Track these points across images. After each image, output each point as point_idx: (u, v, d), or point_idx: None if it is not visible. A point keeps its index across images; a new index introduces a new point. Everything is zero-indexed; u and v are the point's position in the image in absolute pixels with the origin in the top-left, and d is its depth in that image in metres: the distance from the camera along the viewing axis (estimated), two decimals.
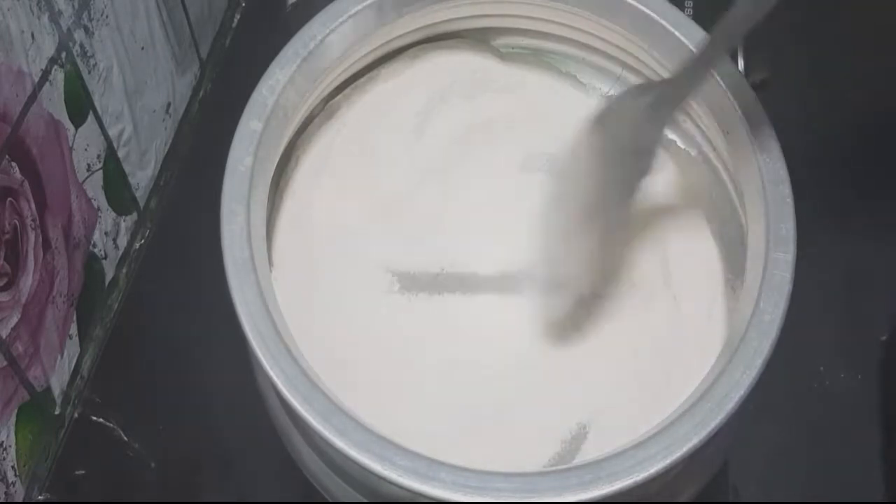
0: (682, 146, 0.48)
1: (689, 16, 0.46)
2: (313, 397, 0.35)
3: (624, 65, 0.49)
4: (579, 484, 0.34)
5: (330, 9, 0.44)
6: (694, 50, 0.43)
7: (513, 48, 0.51)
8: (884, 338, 0.50)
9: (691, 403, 0.36)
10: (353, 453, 0.34)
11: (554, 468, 0.37)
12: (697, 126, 0.47)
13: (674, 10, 0.45)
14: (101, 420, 0.49)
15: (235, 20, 0.65)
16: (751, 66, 0.56)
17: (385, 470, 0.34)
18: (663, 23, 0.44)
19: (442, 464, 0.34)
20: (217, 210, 0.40)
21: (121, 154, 0.52)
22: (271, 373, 0.36)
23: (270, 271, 0.41)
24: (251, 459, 0.48)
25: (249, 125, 0.42)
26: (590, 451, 0.40)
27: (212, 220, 0.41)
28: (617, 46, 0.48)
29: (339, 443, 0.34)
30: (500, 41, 0.51)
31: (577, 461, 0.39)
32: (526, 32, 0.51)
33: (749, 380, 0.36)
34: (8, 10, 0.40)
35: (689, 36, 0.44)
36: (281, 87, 0.43)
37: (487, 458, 0.36)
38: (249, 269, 0.38)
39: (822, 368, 0.49)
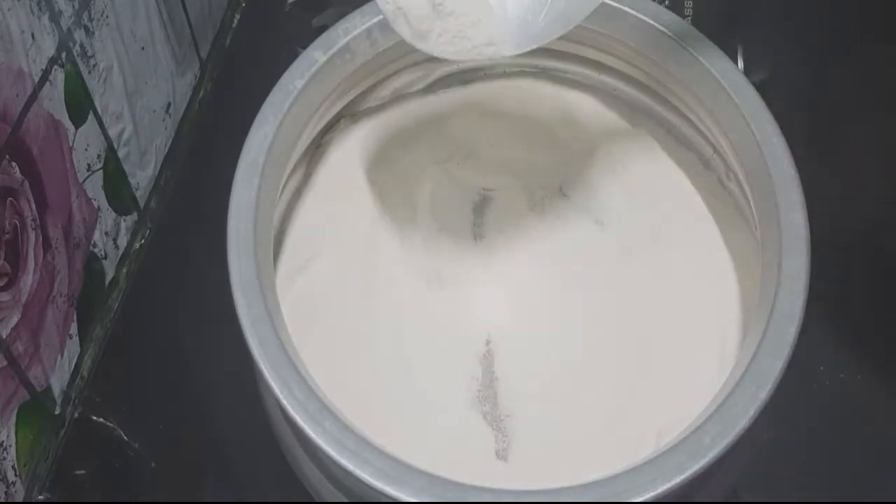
0: (687, 151, 0.49)
1: (688, 17, 0.46)
2: (318, 413, 0.35)
3: (628, 78, 0.49)
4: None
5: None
6: (696, 56, 0.43)
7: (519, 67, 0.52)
8: (882, 337, 0.50)
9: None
10: (368, 478, 0.34)
11: (568, 486, 0.35)
12: (700, 131, 0.47)
13: (682, 23, 0.45)
14: (101, 420, 0.49)
15: (235, 20, 0.65)
16: (751, 66, 0.56)
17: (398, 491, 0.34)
18: (667, 31, 0.44)
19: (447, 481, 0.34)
20: (217, 210, 0.40)
21: (121, 154, 0.52)
22: (278, 392, 0.36)
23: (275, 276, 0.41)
24: (251, 459, 0.48)
25: (264, 128, 0.42)
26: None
27: (212, 220, 0.41)
28: (626, 62, 0.48)
29: (352, 468, 0.34)
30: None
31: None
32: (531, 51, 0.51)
33: (759, 400, 0.35)
34: (8, 10, 0.40)
35: (695, 46, 0.44)
36: (298, 91, 0.43)
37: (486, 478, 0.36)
38: (252, 269, 0.38)
39: (822, 368, 0.49)
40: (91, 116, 0.48)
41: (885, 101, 0.58)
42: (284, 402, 0.35)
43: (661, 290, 0.45)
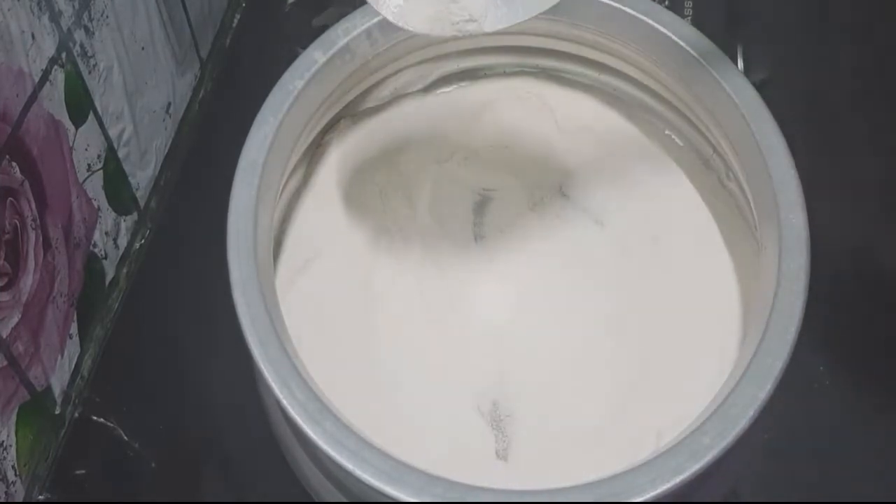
0: (687, 151, 0.49)
1: (688, 17, 0.46)
2: (318, 413, 0.35)
3: (625, 76, 0.49)
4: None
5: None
6: (696, 56, 0.43)
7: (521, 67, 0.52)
8: (883, 336, 0.50)
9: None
10: (367, 478, 0.34)
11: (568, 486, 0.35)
12: (700, 131, 0.47)
13: (682, 23, 0.45)
14: (101, 420, 0.49)
15: (235, 20, 0.65)
16: (751, 66, 0.56)
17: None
18: (667, 31, 0.44)
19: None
20: (218, 210, 0.40)
21: (121, 154, 0.52)
22: (278, 392, 0.36)
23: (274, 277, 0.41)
24: (251, 459, 0.48)
25: (264, 128, 0.42)
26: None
27: (212, 220, 0.41)
28: (626, 62, 0.48)
29: (352, 468, 0.34)
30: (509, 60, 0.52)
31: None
32: (530, 50, 0.51)
33: (759, 400, 0.35)
34: (8, 10, 0.40)
35: (695, 46, 0.44)
36: (298, 91, 0.43)
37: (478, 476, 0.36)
38: (252, 269, 0.38)
39: (821, 368, 0.49)
40: (91, 116, 0.48)
41: (885, 101, 0.58)
42: (284, 402, 0.35)
43: (661, 290, 0.45)
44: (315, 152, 0.49)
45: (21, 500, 0.45)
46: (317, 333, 0.43)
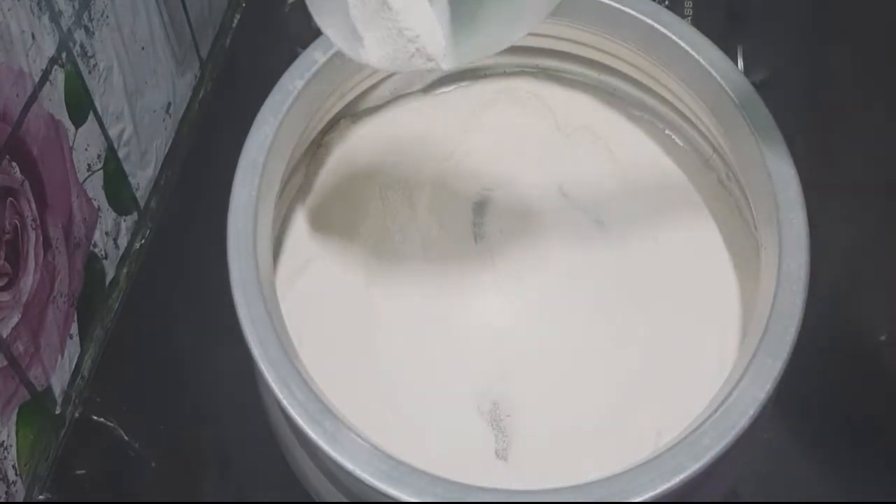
0: (687, 151, 0.49)
1: (688, 17, 0.46)
2: (318, 413, 0.35)
3: (632, 80, 0.49)
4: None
5: None
6: (696, 56, 0.43)
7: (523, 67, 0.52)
8: (883, 338, 0.50)
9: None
10: (368, 478, 0.34)
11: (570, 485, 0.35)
12: (700, 131, 0.47)
13: (682, 23, 0.45)
14: (101, 420, 0.49)
15: (235, 20, 0.65)
16: (751, 66, 0.56)
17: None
18: (667, 31, 0.44)
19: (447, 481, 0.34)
20: (218, 210, 0.40)
21: (121, 154, 0.52)
22: (278, 392, 0.36)
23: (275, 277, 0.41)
24: (251, 459, 0.48)
25: (264, 128, 0.42)
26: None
27: (212, 220, 0.41)
28: (626, 62, 0.48)
29: (352, 468, 0.34)
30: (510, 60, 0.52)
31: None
32: (530, 51, 0.51)
33: (759, 400, 0.35)
34: (8, 10, 0.40)
35: (695, 46, 0.44)
36: (298, 91, 0.43)
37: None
38: (252, 269, 0.38)
39: (821, 367, 0.49)
40: (91, 116, 0.48)
41: (886, 101, 0.58)
42: (284, 402, 0.35)
43: (661, 290, 0.45)
44: (315, 152, 0.49)
45: (21, 499, 0.45)
46: (317, 333, 0.43)
